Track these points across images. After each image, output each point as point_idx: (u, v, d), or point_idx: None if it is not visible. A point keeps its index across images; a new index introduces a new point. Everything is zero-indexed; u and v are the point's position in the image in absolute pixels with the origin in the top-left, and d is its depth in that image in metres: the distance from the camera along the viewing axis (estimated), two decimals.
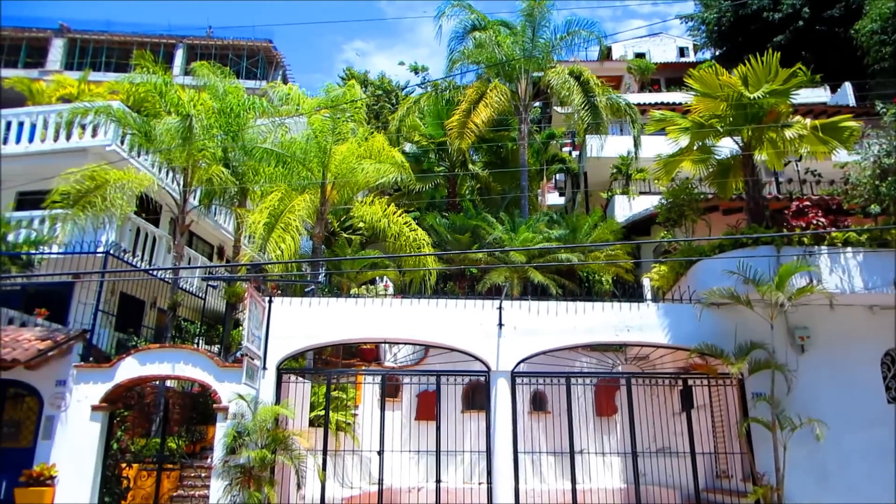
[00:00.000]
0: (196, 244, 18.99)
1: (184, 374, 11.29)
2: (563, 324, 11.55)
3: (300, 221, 13.91)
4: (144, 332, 15.89)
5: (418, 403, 15.04)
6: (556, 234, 16.49)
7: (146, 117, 14.89)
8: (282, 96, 17.03)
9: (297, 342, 11.33)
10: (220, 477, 10.16)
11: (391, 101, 27.12)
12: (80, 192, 13.25)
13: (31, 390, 11.23)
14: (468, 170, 22.22)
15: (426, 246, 14.71)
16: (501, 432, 11.07)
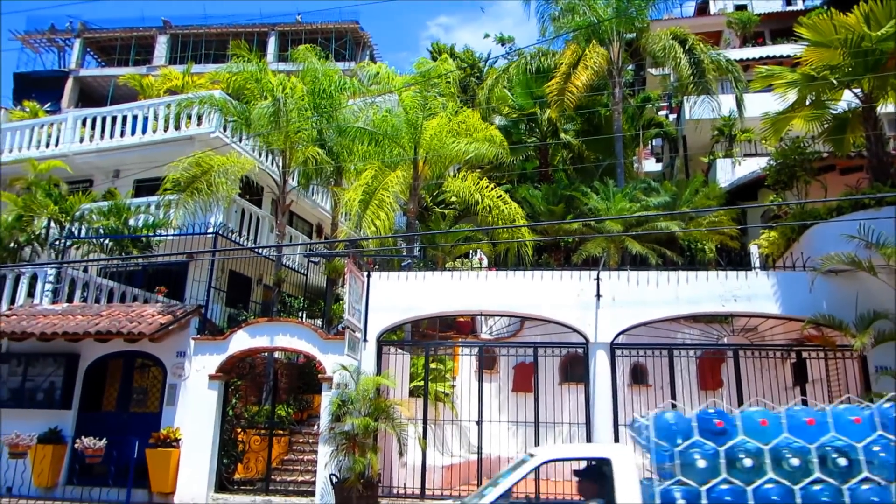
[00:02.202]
0: (296, 223, 19.77)
1: (290, 345, 11.85)
2: (664, 294, 11.14)
3: (394, 198, 14.14)
4: (252, 307, 16.81)
5: (515, 375, 15.07)
6: (655, 201, 15.87)
7: (245, 104, 15.55)
8: (371, 75, 17.28)
9: (396, 315, 11.59)
10: (326, 443, 10.65)
11: (477, 75, 26.87)
12: (189, 178, 14.06)
13: (156, 361, 12.17)
14: (559, 139, 21.73)
15: (520, 218, 14.58)
16: (601, 405, 10.90)
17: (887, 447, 5.51)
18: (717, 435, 5.76)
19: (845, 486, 5.40)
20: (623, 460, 5.97)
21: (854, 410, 5.84)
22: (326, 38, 33.01)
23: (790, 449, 5.63)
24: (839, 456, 5.53)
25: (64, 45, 34.69)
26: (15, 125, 19.62)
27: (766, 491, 5.46)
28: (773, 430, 5.74)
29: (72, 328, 11.49)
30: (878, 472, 5.47)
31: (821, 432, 5.68)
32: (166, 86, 21.41)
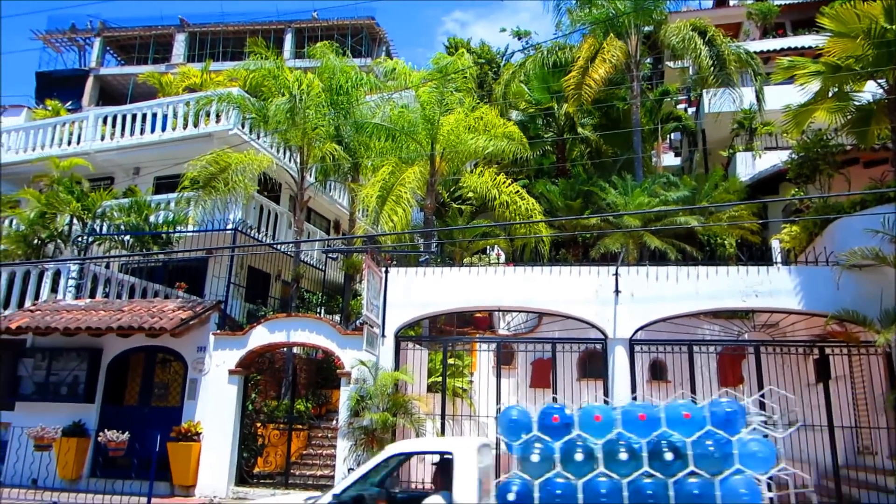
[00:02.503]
0: (314, 219, 19.87)
1: (308, 341, 11.93)
2: (683, 290, 11.04)
3: (411, 193, 14.15)
4: (271, 302, 16.94)
5: (533, 371, 15.01)
6: (674, 196, 15.70)
7: (263, 101, 15.63)
8: (387, 71, 17.28)
9: (413, 310, 11.61)
10: (345, 437, 10.72)
11: (493, 70, 26.77)
12: (207, 176, 14.18)
13: (177, 355, 12.32)
14: (577, 134, 21.59)
15: (537, 214, 14.53)
16: (620, 401, 10.82)
17: (718, 442, 5.58)
18: (555, 430, 5.92)
19: (671, 479, 5.49)
20: (464, 454, 6.11)
21: (685, 407, 5.92)
22: (343, 34, 33.07)
23: (622, 444, 5.76)
24: (668, 450, 5.64)
25: (84, 44, 35.12)
26: (37, 123, 19.91)
27: (596, 484, 5.59)
28: (608, 426, 5.87)
29: (94, 323, 11.66)
30: (706, 465, 5.54)
31: (653, 428, 5.77)
32: (185, 83, 21.59)
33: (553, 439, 5.83)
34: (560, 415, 6.00)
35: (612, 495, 5.51)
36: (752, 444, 5.68)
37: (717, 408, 5.88)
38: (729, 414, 5.82)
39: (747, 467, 5.49)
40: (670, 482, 5.50)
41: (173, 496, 11.27)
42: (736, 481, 5.45)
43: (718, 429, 5.67)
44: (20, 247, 15.04)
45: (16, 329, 11.94)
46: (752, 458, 5.53)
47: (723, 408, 5.88)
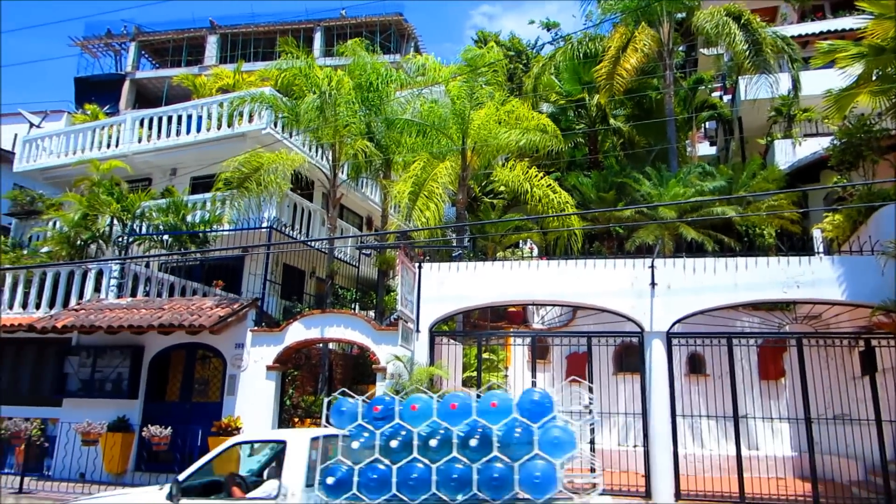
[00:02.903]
0: (346, 216, 20.02)
1: (344, 336, 12.03)
2: (722, 281, 10.83)
3: (442, 189, 14.15)
4: (306, 299, 17.13)
5: (568, 365, 14.93)
6: (710, 186, 15.42)
7: (295, 100, 15.77)
8: (417, 67, 17.29)
9: (447, 306, 11.62)
10: None
11: (523, 62, 26.58)
12: (240, 177, 14.38)
13: (216, 352, 12.55)
14: (609, 125, 21.33)
15: (570, 207, 14.39)
16: (657, 395, 10.69)
17: (525, 430, 5.95)
18: (378, 420, 6.30)
19: (477, 464, 5.88)
20: (295, 443, 6.65)
21: (495, 397, 6.28)
22: (371, 31, 33.18)
23: (435, 432, 6.16)
24: (475, 438, 6.04)
25: (120, 49, 35.90)
26: (77, 128, 20.40)
27: (409, 469, 5.96)
28: (425, 415, 6.24)
29: (136, 321, 11.94)
30: (509, 451, 5.91)
31: (465, 416, 6.15)
32: (218, 85, 21.90)
33: (376, 428, 6.26)
34: (382, 405, 6.40)
35: (422, 479, 5.91)
36: (553, 431, 6.01)
37: (524, 398, 6.32)
38: (534, 403, 6.18)
39: (547, 453, 5.84)
40: (475, 467, 5.88)
41: None
42: (534, 466, 5.81)
43: (524, 417, 6.04)
44: (64, 248, 15.46)
45: (62, 328, 12.29)
46: (552, 444, 5.89)
47: (529, 398, 6.28)
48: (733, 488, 10.23)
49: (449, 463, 5.95)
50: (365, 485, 5.98)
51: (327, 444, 6.65)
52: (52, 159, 19.81)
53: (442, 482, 5.88)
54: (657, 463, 10.40)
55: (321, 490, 6.17)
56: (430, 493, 5.87)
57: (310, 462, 6.49)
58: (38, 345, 13.91)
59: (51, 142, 20.18)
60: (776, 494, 10.18)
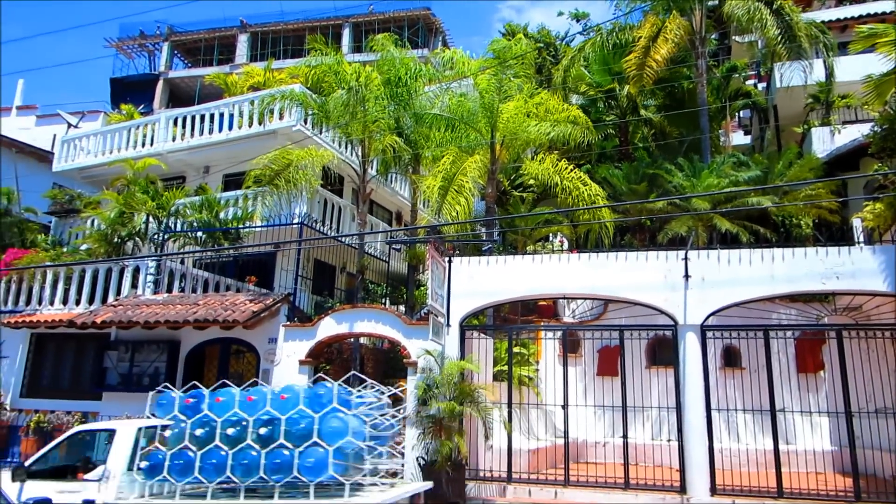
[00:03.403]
0: (376, 211, 20.12)
1: (375, 331, 12.10)
2: (757, 273, 10.61)
3: (472, 183, 14.12)
4: (337, 294, 17.28)
5: (599, 359, 14.82)
6: (745, 176, 15.10)
7: (324, 96, 15.88)
8: (445, 61, 17.25)
9: (478, 300, 11.61)
10: (413, 426, 10.84)
11: (552, 54, 26.33)
12: (271, 174, 14.55)
13: (249, 347, 12.74)
14: (640, 116, 21.03)
15: (601, 199, 14.24)
16: (692, 389, 10.54)
17: (304, 419, 6.69)
18: (191, 410, 6.95)
19: (265, 450, 6.57)
20: (123, 432, 7.76)
21: (285, 390, 7.07)
22: (399, 26, 33.22)
23: (234, 421, 6.82)
24: (265, 426, 6.75)
25: (153, 49, 36.55)
26: (113, 127, 20.85)
27: (211, 455, 6.64)
28: (228, 406, 6.89)
29: (172, 317, 12.18)
30: (293, 439, 6.60)
31: (260, 407, 6.82)
32: (249, 83, 22.15)
33: (188, 418, 6.92)
34: (193, 397, 7.10)
35: (220, 464, 6.60)
36: (332, 421, 6.71)
37: (310, 392, 7.09)
38: (318, 396, 6.91)
39: (325, 441, 6.54)
40: (264, 452, 6.57)
41: None
42: (311, 452, 6.52)
43: (309, 408, 6.74)
44: (102, 245, 15.82)
45: (101, 323, 12.60)
46: (330, 433, 6.63)
47: (315, 392, 7.03)
48: (771, 483, 10.05)
49: (243, 449, 6.65)
50: (173, 469, 6.67)
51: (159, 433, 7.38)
52: (90, 159, 20.28)
53: (235, 466, 6.59)
54: (692, 457, 10.27)
55: (139, 473, 6.99)
56: (225, 476, 6.58)
57: (135, 449, 7.51)
58: (78, 340, 14.30)
59: (88, 142, 20.66)
60: (815, 489, 9.96)
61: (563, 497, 10.53)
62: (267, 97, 16.86)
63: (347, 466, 6.69)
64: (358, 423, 6.93)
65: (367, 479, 7.03)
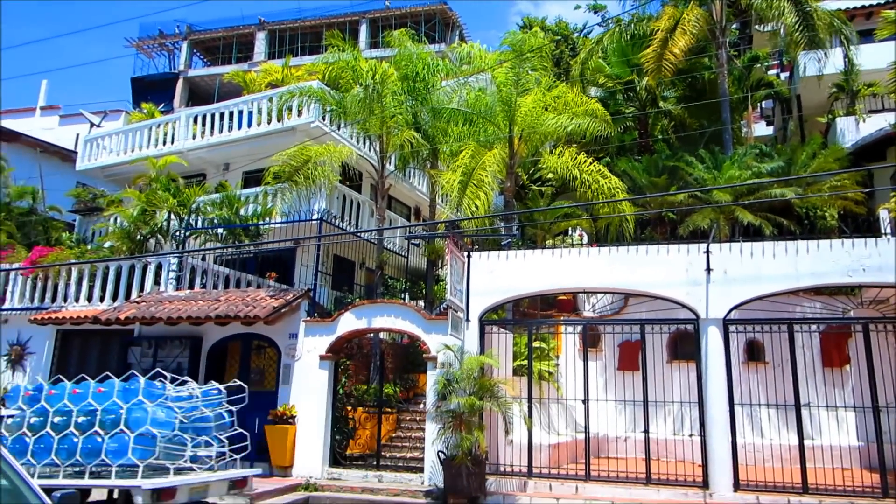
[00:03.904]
0: (395, 206, 20.14)
1: (394, 326, 12.13)
2: (781, 266, 10.45)
3: (492, 177, 14.07)
4: (357, 289, 17.34)
5: (620, 353, 14.72)
6: (768, 167, 14.87)
7: (342, 92, 15.91)
8: (463, 55, 17.19)
9: (497, 295, 11.57)
10: (433, 420, 10.86)
11: (570, 47, 26.12)
12: (290, 170, 14.61)
13: (270, 342, 12.83)
14: (660, 108, 20.79)
15: (620, 192, 14.10)
16: (714, 383, 10.43)
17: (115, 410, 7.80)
18: (31, 401, 8.14)
19: (83, 435, 7.71)
20: None
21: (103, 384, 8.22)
22: (416, 21, 33.17)
23: (63, 411, 7.93)
24: (82, 415, 7.85)
25: (173, 48, 36.88)
26: (134, 126, 21.08)
27: (41, 441, 7.82)
28: (59, 398, 8.09)
29: (195, 312, 12.31)
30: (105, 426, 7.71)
31: (83, 399, 7.98)
32: (267, 80, 22.25)
33: (29, 408, 8.07)
34: (33, 390, 8.26)
35: (47, 448, 7.74)
36: (137, 411, 7.79)
37: (122, 386, 8.15)
38: (129, 390, 8.01)
39: (130, 429, 7.67)
40: (81, 437, 7.71)
41: (272, 476, 11.79)
42: (117, 438, 7.66)
43: (121, 400, 7.85)
44: (125, 243, 16.04)
45: (124, 319, 12.77)
46: (134, 421, 7.73)
47: (127, 385, 8.13)
48: (795, 479, 9.92)
49: (67, 436, 7.76)
50: (12, 451, 7.11)
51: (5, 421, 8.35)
52: (112, 157, 20.52)
53: (60, 450, 7.72)
54: (715, 452, 10.16)
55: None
56: (50, 458, 7.71)
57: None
58: (102, 336, 14.52)
59: (110, 140, 20.91)
60: (841, 485, 9.81)
61: (585, 492, 10.49)
62: (285, 94, 16.93)
63: (153, 451, 7.70)
64: (166, 414, 7.97)
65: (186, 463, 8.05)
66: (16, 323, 15.49)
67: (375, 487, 11.13)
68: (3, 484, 3.91)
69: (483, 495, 10.45)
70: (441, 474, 10.55)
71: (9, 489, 3.96)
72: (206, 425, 8.51)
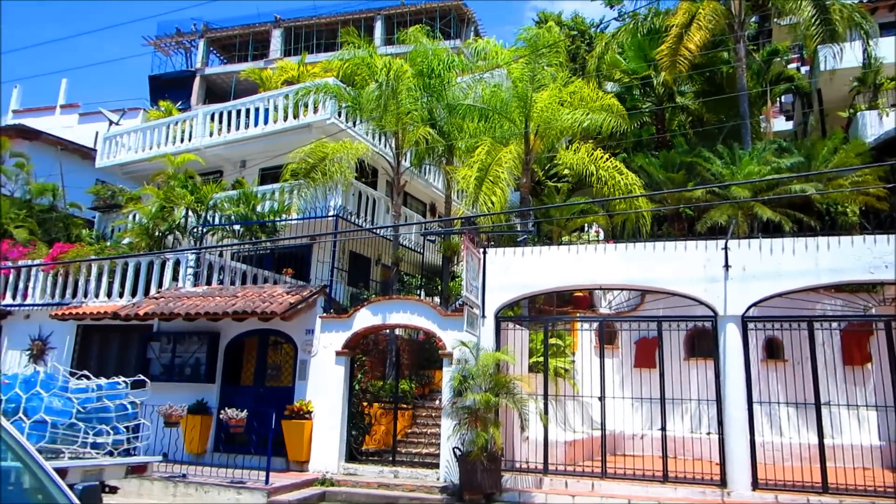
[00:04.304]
0: (410, 203, 20.16)
1: (410, 322, 12.15)
2: (801, 263, 10.32)
3: (508, 173, 14.03)
4: (372, 285, 17.39)
5: (637, 350, 14.63)
6: (787, 162, 14.68)
7: (358, 89, 15.94)
8: (478, 51, 17.15)
9: (513, 291, 11.55)
10: (449, 416, 10.87)
11: (587, 42, 25.96)
12: (306, 167, 14.67)
13: (287, 338, 12.91)
14: (677, 103, 20.60)
15: (637, 188, 14.00)
16: (732, 381, 10.33)
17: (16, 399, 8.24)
18: None
19: None
20: None
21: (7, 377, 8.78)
22: (431, 17, 33.12)
23: None
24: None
25: (190, 46, 37.17)
26: (152, 124, 21.28)
27: None
28: None
29: (212, 308, 12.41)
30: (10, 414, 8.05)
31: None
32: (283, 77, 22.35)
33: None
34: None
35: None
36: (34, 400, 8.22)
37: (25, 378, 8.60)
38: (30, 381, 8.46)
39: (27, 416, 8.10)
40: None
41: (289, 471, 11.87)
42: (15, 424, 7.78)
43: (21, 390, 8.32)
44: (144, 239, 16.21)
45: (143, 315, 12.91)
46: (31, 409, 8.15)
47: (29, 377, 8.60)
48: (815, 478, 9.80)
49: None
50: None
51: None
52: (130, 155, 20.73)
53: None
54: (733, 451, 10.07)
55: None
56: None
57: None
58: (122, 331, 14.69)
59: (129, 138, 21.12)
60: (862, 485, 9.68)
61: (601, 489, 10.44)
62: (301, 90, 17.00)
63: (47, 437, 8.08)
64: (63, 404, 8.44)
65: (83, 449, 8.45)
66: (37, 318, 15.72)
67: (391, 483, 11.17)
68: (16, 466, 3.96)
69: (499, 491, 10.45)
70: (456, 470, 10.56)
71: (21, 471, 4.03)
72: (108, 415, 9.00)
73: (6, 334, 16.08)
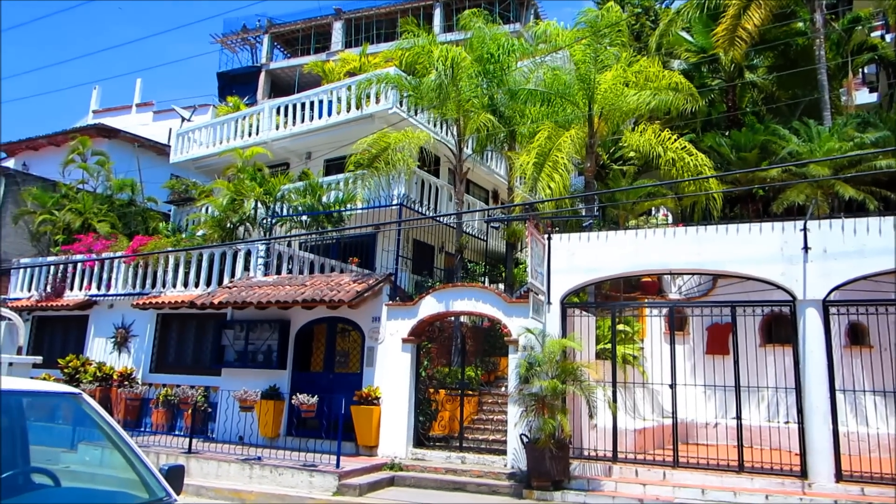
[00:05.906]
0: (473, 190, 20.13)
1: (475, 309, 12.16)
2: (888, 243, 9.72)
3: (568, 158, 13.78)
4: (437, 273, 17.50)
5: (708, 336, 14.20)
6: (872, 137, 13.83)
7: (419, 78, 15.96)
8: (538, 34, 16.85)
9: (578, 277, 11.38)
10: (515, 403, 10.85)
11: (651, 19, 25.12)
12: (369, 157, 14.84)
13: (354, 325, 13.16)
14: (746, 80, 19.70)
15: (707, 169, 13.50)
16: (813, 368, 9.87)
17: None
18: None
19: None
20: None
21: None
22: (490, 2, 32.77)
23: None
24: None
25: (255, 42, 38.16)
26: (221, 119, 21.99)
27: None
28: None
29: (282, 297, 12.77)
30: None
31: None
32: (345, 69, 22.62)
33: None
34: None
35: None
36: None
37: None
38: None
39: None
40: None
41: (358, 455, 12.14)
42: None
43: None
44: (216, 231, 16.81)
45: (218, 304, 13.42)
46: None
47: None
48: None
49: None
50: None
51: None
52: (202, 150, 21.52)
53: None
54: (814, 441, 9.65)
55: None
56: None
57: None
58: (198, 319, 15.34)
59: (199, 134, 21.93)
60: None
61: (673, 478, 10.21)
62: (363, 82, 17.17)
63: None
64: None
65: None
66: (120, 308, 16.59)
67: (459, 468, 11.26)
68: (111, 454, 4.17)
69: (567, 479, 10.37)
70: (524, 457, 10.54)
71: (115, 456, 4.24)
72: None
73: (92, 323, 17.05)
